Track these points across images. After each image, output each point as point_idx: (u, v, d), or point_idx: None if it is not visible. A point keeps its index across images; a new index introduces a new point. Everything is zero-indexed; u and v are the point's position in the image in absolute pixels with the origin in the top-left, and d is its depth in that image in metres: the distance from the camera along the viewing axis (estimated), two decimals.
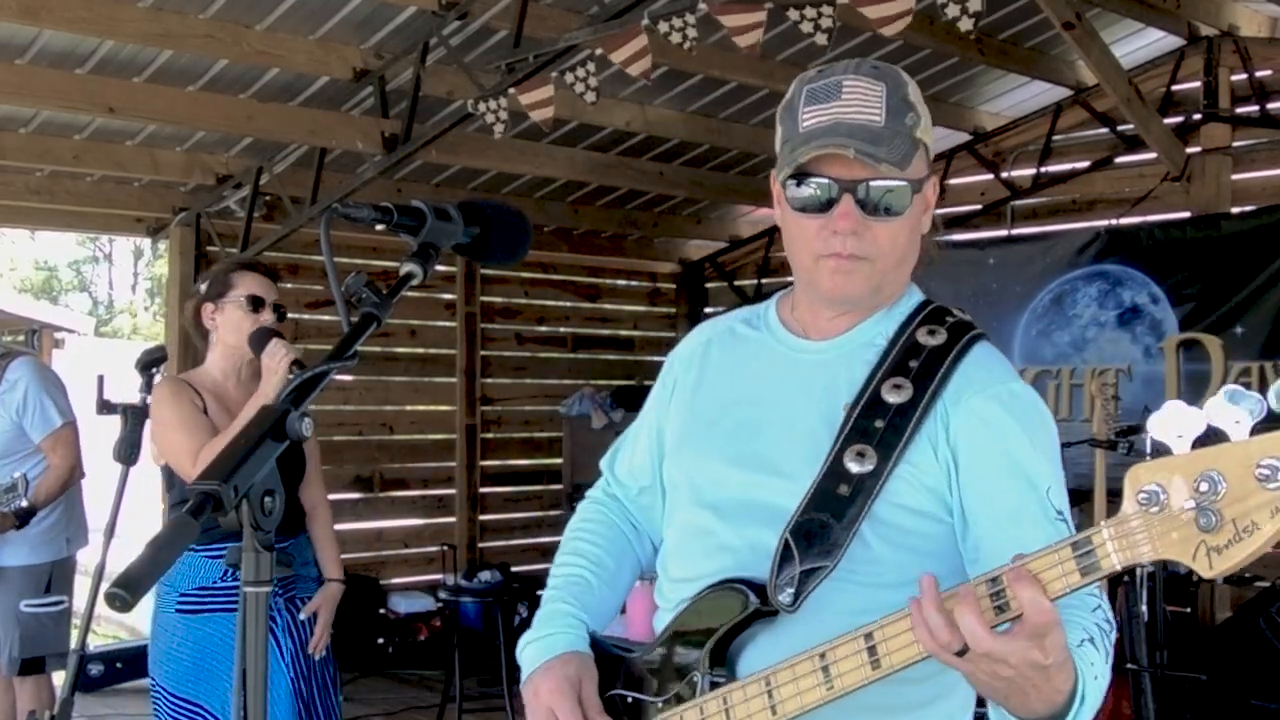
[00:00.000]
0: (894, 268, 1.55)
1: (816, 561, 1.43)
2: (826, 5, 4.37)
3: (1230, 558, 1.09)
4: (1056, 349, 6.91)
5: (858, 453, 1.46)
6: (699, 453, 1.64)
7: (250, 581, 1.30)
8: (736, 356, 1.68)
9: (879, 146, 1.45)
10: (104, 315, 32.70)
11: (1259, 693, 5.18)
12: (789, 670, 1.38)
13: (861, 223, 1.48)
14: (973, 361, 1.52)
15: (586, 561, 1.76)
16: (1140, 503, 1.13)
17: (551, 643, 1.68)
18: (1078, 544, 1.17)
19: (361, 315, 1.45)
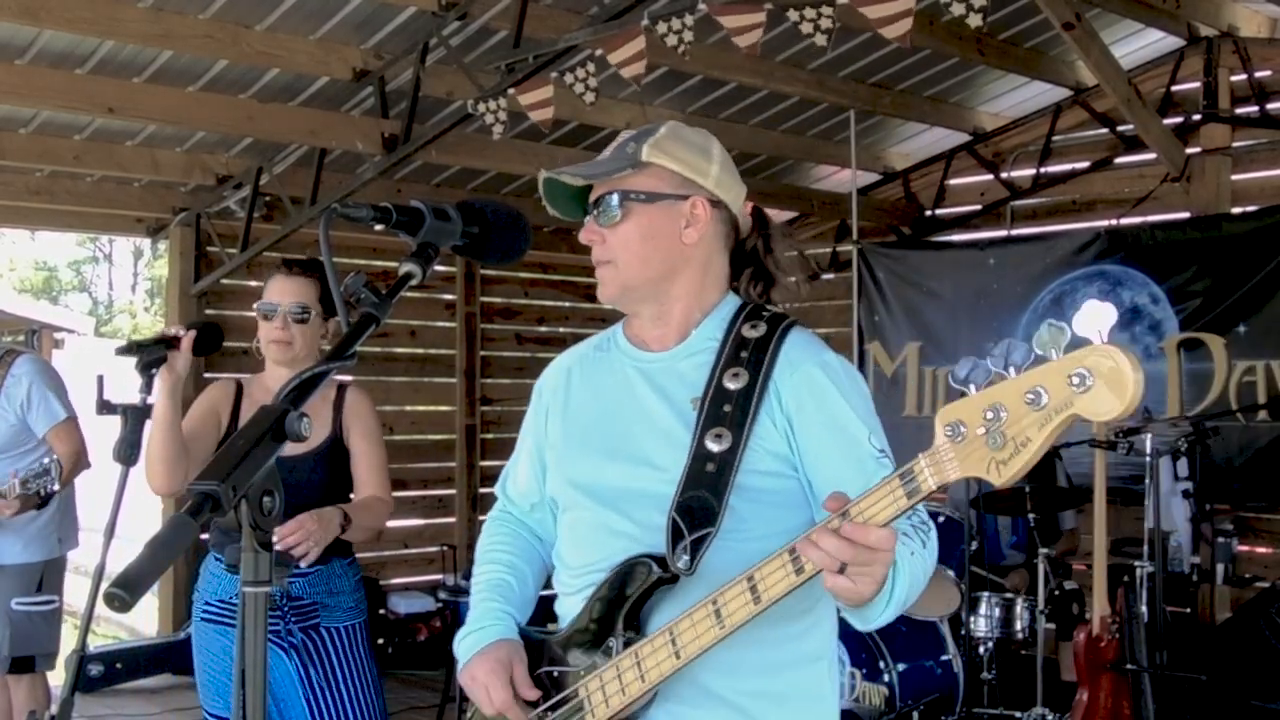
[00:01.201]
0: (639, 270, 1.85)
1: (702, 530, 1.70)
2: (826, 6, 4.37)
3: (1012, 466, 1.36)
4: None
5: (715, 435, 1.75)
6: (579, 456, 1.91)
7: (250, 581, 1.30)
8: (596, 375, 1.96)
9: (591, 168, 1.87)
10: (104, 315, 32.70)
11: (1259, 693, 5.18)
12: (688, 619, 1.64)
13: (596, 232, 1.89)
14: (790, 344, 1.81)
15: (503, 567, 2.01)
16: (946, 435, 1.41)
17: (484, 634, 1.91)
18: (903, 474, 1.46)
19: (361, 315, 1.45)
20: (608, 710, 1.73)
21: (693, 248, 1.86)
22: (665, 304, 1.88)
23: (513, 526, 2.08)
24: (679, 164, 1.85)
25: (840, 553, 1.47)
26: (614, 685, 1.72)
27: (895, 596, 1.60)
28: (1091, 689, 4.59)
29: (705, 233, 1.87)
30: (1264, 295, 6.17)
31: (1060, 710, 4.87)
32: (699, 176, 1.86)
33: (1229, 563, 5.74)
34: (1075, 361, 1.30)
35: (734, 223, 1.93)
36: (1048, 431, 1.34)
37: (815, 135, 7.43)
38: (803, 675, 1.81)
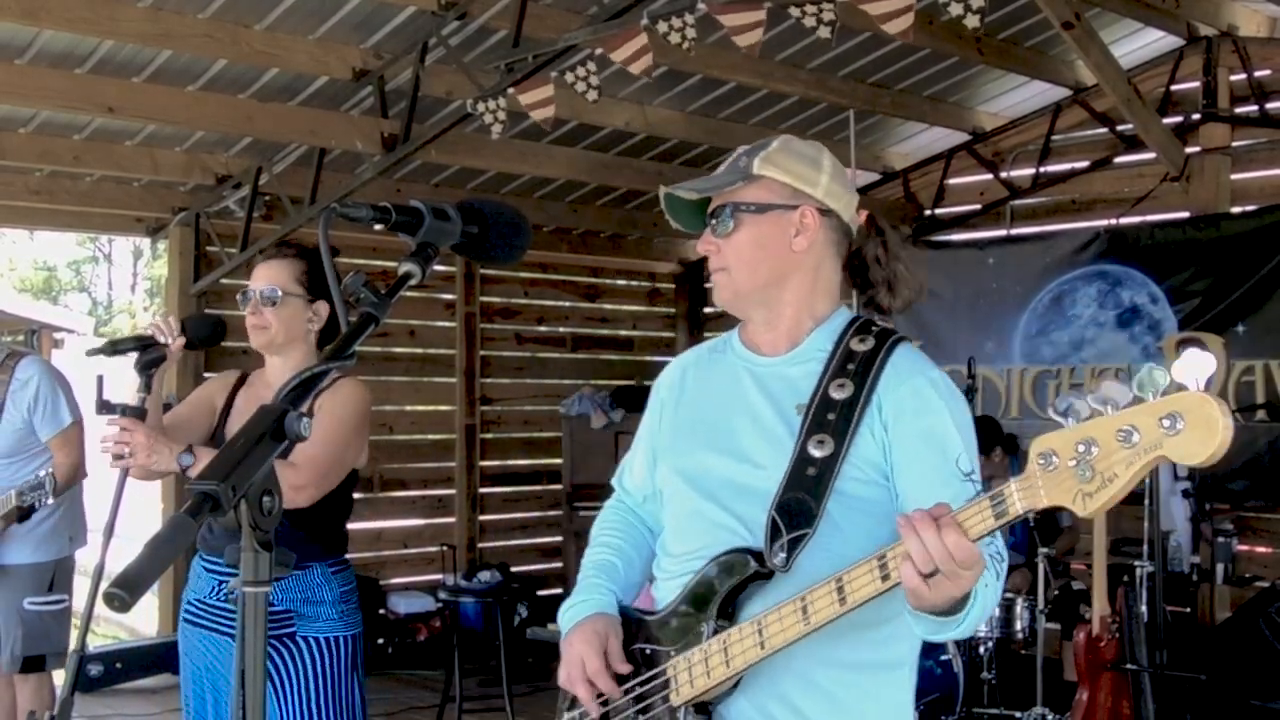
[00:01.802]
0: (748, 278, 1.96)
1: (800, 530, 1.80)
2: (827, 1, 4.37)
3: (1097, 500, 1.44)
4: (1056, 349, 6.92)
5: (818, 441, 1.84)
6: (687, 449, 2.02)
7: (250, 582, 1.30)
8: (709, 374, 2.07)
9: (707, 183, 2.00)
10: (103, 315, 32.70)
11: (1259, 693, 5.18)
12: (776, 614, 1.74)
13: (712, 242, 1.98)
14: (897, 358, 1.89)
15: (611, 550, 2.12)
16: (1039, 464, 1.48)
17: (585, 607, 2.02)
18: (993, 496, 1.54)
19: (360, 315, 1.45)
20: (692, 690, 1.83)
21: (802, 255, 1.95)
22: (776, 309, 1.98)
23: (625, 515, 2.19)
24: (789, 175, 1.95)
25: (936, 551, 1.54)
26: (700, 668, 1.83)
27: (970, 617, 1.68)
28: (1091, 689, 4.59)
29: (815, 240, 1.95)
30: (1263, 295, 6.18)
31: (1060, 710, 4.88)
32: (808, 187, 1.95)
33: (1229, 562, 5.74)
34: (1168, 405, 1.37)
35: (846, 230, 2.00)
36: (1135, 469, 1.41)
37: (815, 135, 7.42)
38: (881, 679, 1.90)
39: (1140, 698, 4.50)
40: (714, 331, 9.45)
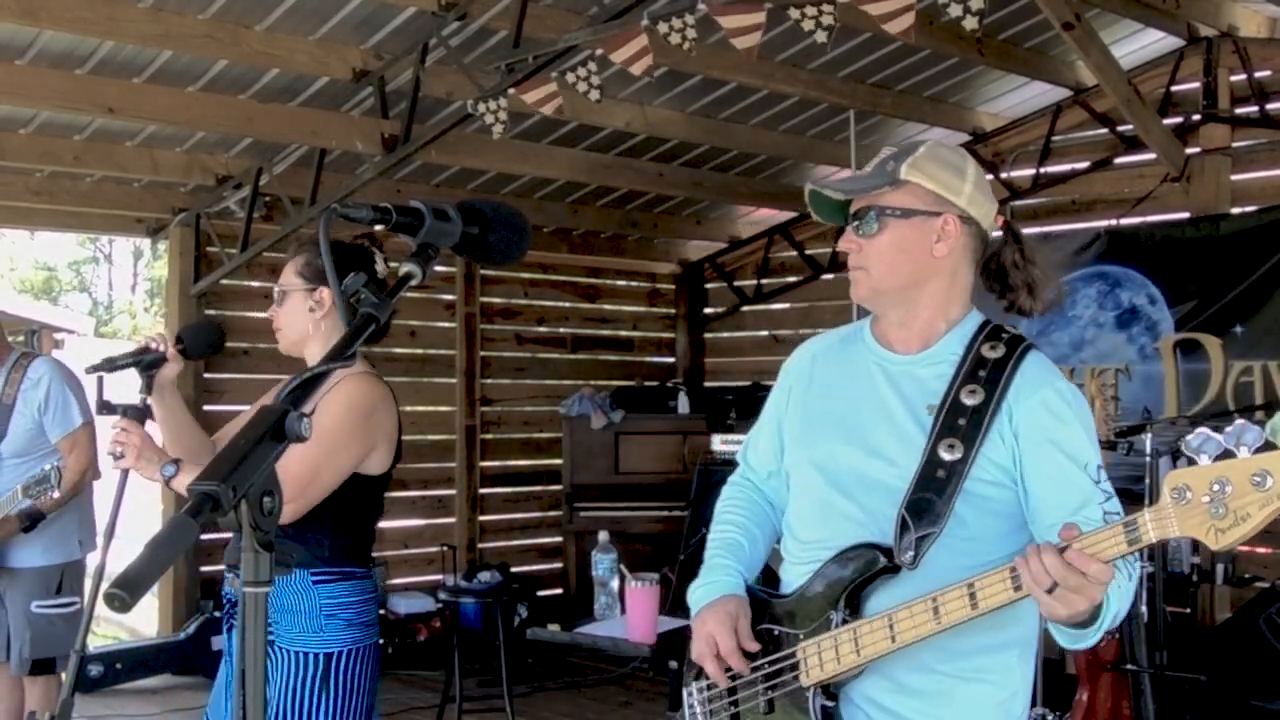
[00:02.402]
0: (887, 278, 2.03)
1: (927, 529, 1.90)
2: (827, 3, 4.37)
3: (1230, 536, 1.55)
4: (1056, 349, 6.91)
5: (949, 445, 1.93)
6: (817, 437, 2.10)
7: (250, 582, 1.30)
8: (840, 364, 2.14)
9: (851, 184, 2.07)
10: (104, 316, 32.69)
11: (1259, 693, 5.18)
12: (907, 610, 1.85)
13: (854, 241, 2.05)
14: (1027, 367, 1.97)
15: (736, 528, 2.22)
16: (1172, 497, 1.59)
17: (715, 587, 2.11)
18: (1127, 524, 1.65)
19: (360, 315, 1.45)
20: (821, 674, 1.95)
21: (942, 260, 2.02)
22: (912, 309, 2.05)
23: (749, 492, 2.29)
24: (934, 183, 2.00)
25: (1054, 571, 1.65)
26: (830, 654, 1.94)
27: (1103, 624, 1.79)
28: (1091, 689, 4.59)
29: (955, 246, 2.02)
30: (1261, 296, 6.18)
31: (1060, 710, 4.87)
32: (952, 195, 2.01)
33: (1229, 563, 5.74)
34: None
35: (984, 237, 2.07)
36: (1268, 512, 1.53)
37: (815, 135, 7.43)
38: (999, 659, 2.00)
39: (1140, 698, 4.50)
40: (714, 332, 9.47)
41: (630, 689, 6.57)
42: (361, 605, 2.83)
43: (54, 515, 4.35)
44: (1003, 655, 2.00)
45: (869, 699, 1.97)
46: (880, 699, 1.96)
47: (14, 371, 4.44)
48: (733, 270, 9.29)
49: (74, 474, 4.41)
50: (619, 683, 6.64)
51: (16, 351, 4.55)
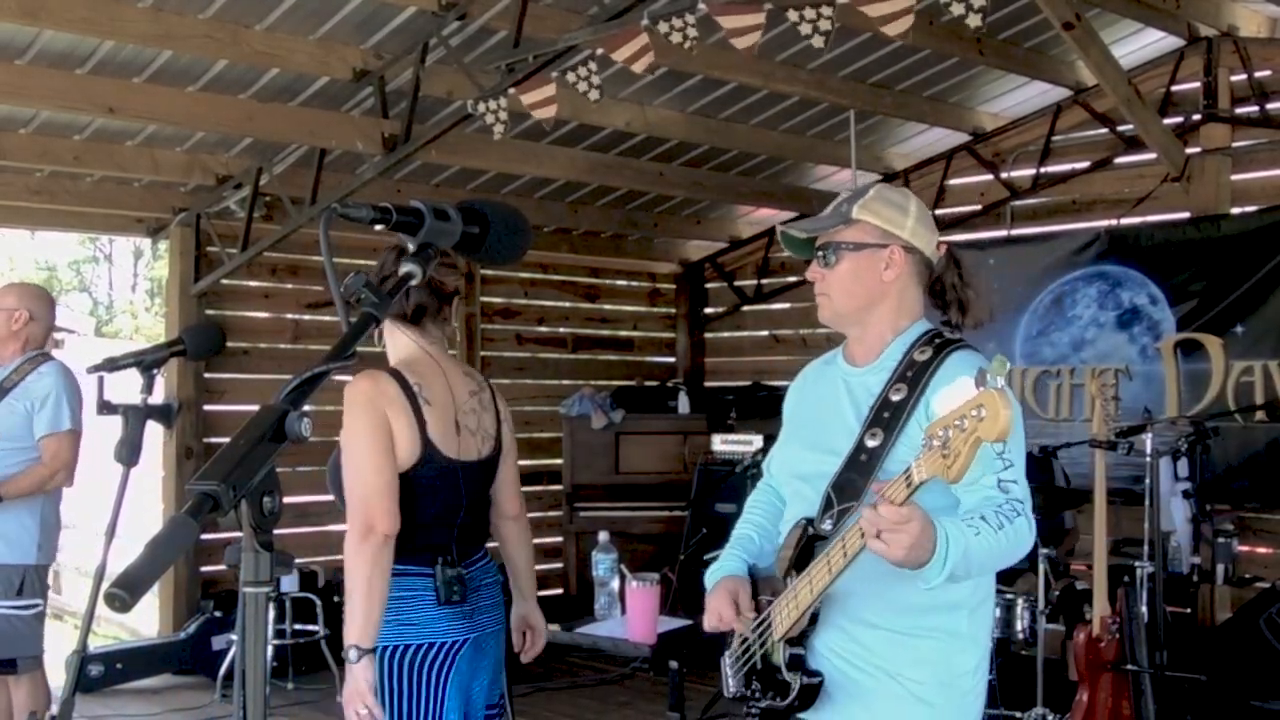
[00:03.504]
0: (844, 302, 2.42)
1: (847, 503, 2.26)
2: (825, 6, 4.37)
3: (955, 469, 1.89)
4: (1056, 349, 6.92)
5: (872, 434, 2.29)
6: (794, 446, 2.53)
7: (250, 582, 1.30)
8: (819, 383, 2.54)
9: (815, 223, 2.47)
10: (104, 316, 32.69)
11: (1259, 693, 5.18)
12: (815, 566, 2.21)
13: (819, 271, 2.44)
14: (947, 365, 2.30)
15: (751, 525, 2.61)
16: (923, 444, 1.95)
17: (719, 570, 2.51)
18: (906, 471, 1.99)
19: (361, 315, 1.45)
20: (782, 628, 2.31)
21: (890, 284, 2.39)
22: (866, 327, 2.43)
23: (769, 495, 2.66)
24: (881, 219, 2.38)
25: (872, 522, 1.99)
26: (786, 611, 2.30)
27: (949, 563, 2.05)
28: (1091, 689, 4.59)
29: (901, 272, 2.39)
30: (1262, 296, 6.18)
31: (1060, 710, 4.87)
32: (896, 229, 2.38)
33: (1229, 563, 5.73)
34: (976, 401, 1.86)
35: (928, 262, 2.42)
36: (968, 447, 1.87)
37: (815, 135, 7.43)
38: (944, 619, 2.30)
39: (1140, 698, 4.50)
40: (715, 332, 9.47)
41: (630, 689, 6.57)
42: (399, 603, 2.79)
43: (10, 508, 4.37)
44: (950, 615, 2.30)
45: (828, 647, 2.32)
46: (836, 646, 2.31)
47: (27, 363, 4.54)
48: (733, 270, 9.30)
49: (47, 470, 4.46)
50: (619, 683, 6.64)
51: (40, 351, 4.62)
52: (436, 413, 2.87)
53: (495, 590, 3.01)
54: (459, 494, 2.89)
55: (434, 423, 2.85)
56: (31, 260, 31.54)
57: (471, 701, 2.92)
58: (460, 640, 2.85)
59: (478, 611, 2.91)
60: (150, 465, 3.57)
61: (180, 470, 6.94)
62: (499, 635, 3.02)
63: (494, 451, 3.02)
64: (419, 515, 2.83)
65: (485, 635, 2.94)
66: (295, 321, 7.65)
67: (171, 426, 6.81)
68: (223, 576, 7.02)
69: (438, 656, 2.82)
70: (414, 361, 2.96)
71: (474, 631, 2.88)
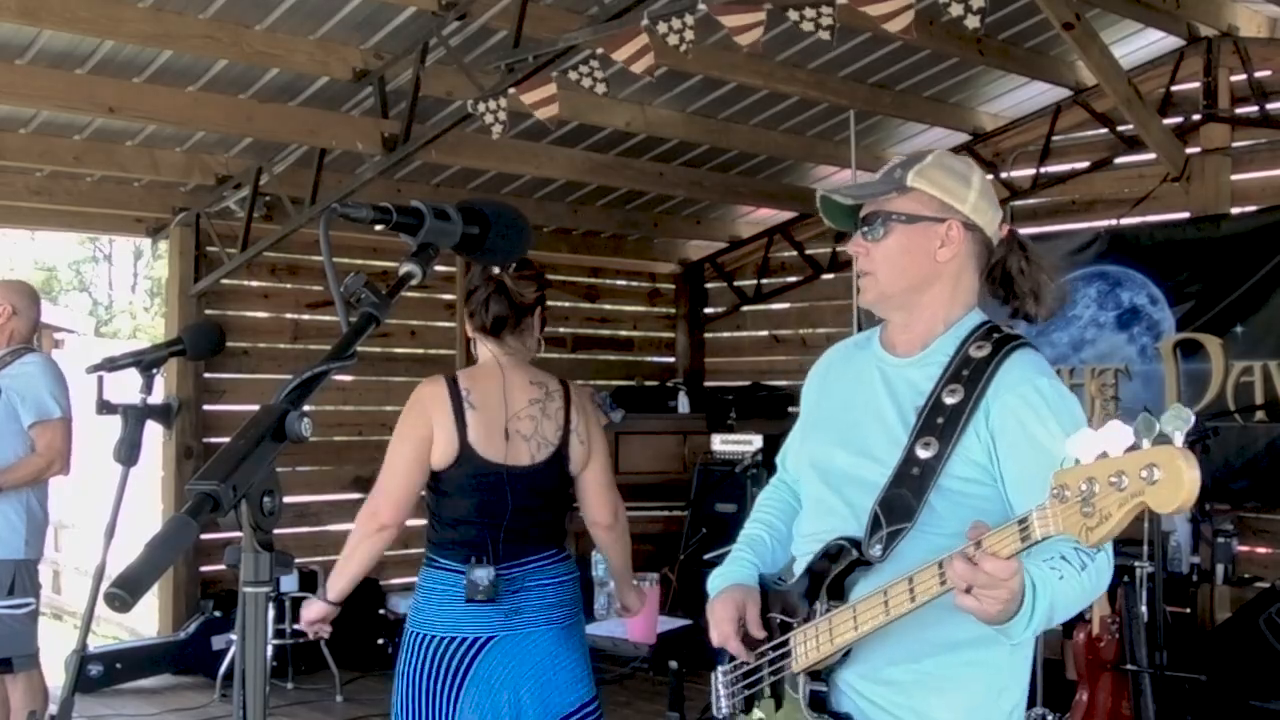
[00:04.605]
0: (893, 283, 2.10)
1: (899, 524, 1.97)
2: (826, 5, 4.37)
3: (1097, 534, 1.61)
4: (1056, 349, 6.91)
5: (925, 443, 1.99)
6: (818, 438, 2.22)
7: (250, 582, 1.30)
8: (849, 369, 2.24)
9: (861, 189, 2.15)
10: (104, 316, 32.69)
11: (1259, 693, 5.18)
12: (866, 601, 1.93)
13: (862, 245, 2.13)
14: (1009, 366, 2.01)
15: (762, 526, 2.34)
16: (1054, 495, 1.64)
17: (726, 576, 2.23)
18: (1020, 521, 1.70)
19: (361, 315, 1.45)
20: (806, 661, 2.04)
21: (945, 265, 2.09)
22: (914, 313, 2.12)
23: (782, 492, 2.39)
24: (939, 190, 2.08)
25: (966, 576, 1.72)
26: (813, 642, 2.03)
27: (1036, 617, 1.81)
28: (1091, 689, 4.59)
29: (958, 252, 2.09)
30: (1262, 296, 6.17)
31: (1060, 710, 4.87)
32: (957, 202, 2.08)
33: (1229, 563, 5.74)
34: (1149, 456, 1.53)
35: (988, 244, 2.12)
36: (1125, 511, 1.58)
37: (815, 135, 7.43)
38: (984, 654, 2.03)
39: (1140, 698, 4.50)
40: (715, 332, 9.47)
41: (630, 689, 6.57)
42: (430, 594, 3.07)
43: (5, 501, 4.37)
44: (991, 650, 2.02)
45: (853, 688, 2.04)
46: (863, 689, 2.04)
47: (10, 355, 4.55)
48: (733, 270, 9.29)
49: (42, 459, 4.46)
50: (619, 683, 6.63)
51: (20, 346, 4.61)
52: (482, 417, 3.03)
53: (553, 593, 3.10)
54: (503, 496, 3.02)
55: (476, 426, 3.01)
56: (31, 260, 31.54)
57: (526, 698, 3.01)
58: (486, 637, 2.99)
59: (518, 612, 3.01)
60: (150, 465, 3.56)
61: (180, 470, 6.94)
62: (559, 638, 3.08)
63: (552, 458, 3.11)
64: (453, 512, 3.05)
65: (528, 635, 3.03)
66: (295, 321, 7.66)
67: (171, 426, 6.82)
68: (222, 576, 7.02)
69: (459, 649, 2.98)
70: (479, 369, 3.16)
71: (508, 630, 3.00)
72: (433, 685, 2.99)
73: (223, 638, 6.58)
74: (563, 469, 3.14)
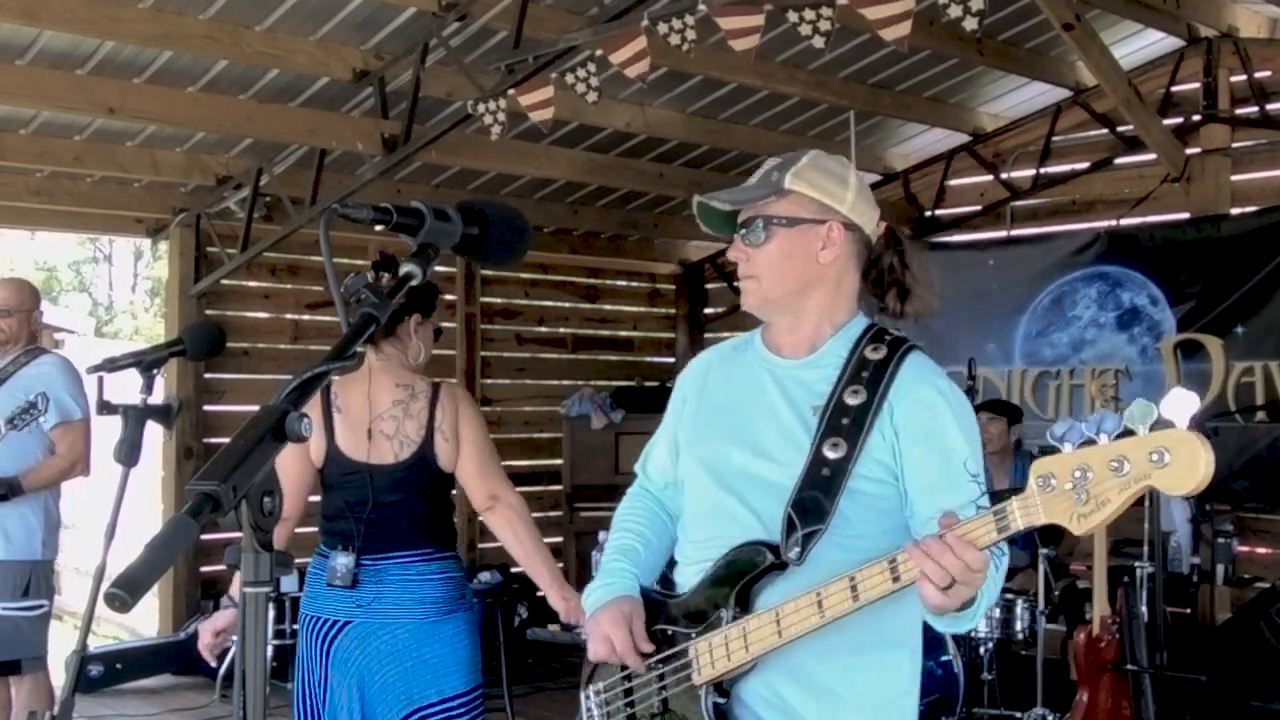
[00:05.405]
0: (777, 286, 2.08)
1: (814, 526, 1.93)
2: (826, 7, 4.37)
3: (1091, 520, 1.60)
4: (1056, 350, 6.92)
5: (833, 443, 1.97)
6: (709, 440, 2.14)
7: (250, 582, 1.30)
8: (731, 371, 2.19)
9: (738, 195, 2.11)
10: (104, 316, 32.67)
11: (1259, 693, 5.18)
12: (793, 605, 1.87)
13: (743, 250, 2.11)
14: (908, 367, 2.02)
15: (633, 535, 2.25)
16: (1038, 485, 1.62)
17: (610, 589, 2.15)
18: (997, 512, 1.69)
19: (361, 315, 1.45)
20: (713, 671, 1.97)
21: (827, 267, 2.07)
22: (799, 316, 2.10)
23: (647, 501, 2.33)
24: (818, 191, 2.06)
25: (952, 568, 1.68)
26: (721, 651, 1.96)
27: (980, 610, 1.85)
28: (1091, 689, 4.59)
29: (840, 253, 2.07)
30: (1262, 296, 6.18)
31: (1060, 710, 4.87)
32: (835, 202, 2.07)
33: (1229, 563, 5.74)
34: (1158, 440, 1.52)
35: (867, 242, 2.12)
36: (1126, 495, 1.57)
37: (815, 135, 7.43)
38: (888, 657, 2.03)
39: (1140, 698, 4.50)
40: (714, 332, 9.46)
41: None
42: (310, 577, 3.29)
43: (23, 502, 4.35)
44: (893, 654, 2.03)
45: (758, 696, 1.99)
46: (768, 696, 1.99)
47: (23, 356, 4.54)
48: (732, 271, 9.26)
49: (65, 461, 4.45)
50: None
51: (33, 345, 4.63)
52: (347, 419, 3.23)
53: (416, 588, 3.21)
54: (366, 492, 3.19)
55: (342, 428, 3.22)
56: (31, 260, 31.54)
57: (375, 685, 3.16)
58: (343, 621, 3.17)
59: (377, 600, 3.16)
60: (150, 465, 3.56)
61: (180, 470, 6.94)
62: (421, 632, 3.19)
63: (416, 456, 3.24)
64: (330, 505, 3.25)
65: (384, 625, 3.16)
66: (295, 322, 7.66)
67: (171, 426, 6.81)
68: (223, 576, 7.01)
69: (321, 629, 3.21)
70: (352, 374, 3.19)
71: (366, 618, 3.16)
72: (308, 660, 3.23)
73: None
74: (429, 466, 3.25)
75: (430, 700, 3.17)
